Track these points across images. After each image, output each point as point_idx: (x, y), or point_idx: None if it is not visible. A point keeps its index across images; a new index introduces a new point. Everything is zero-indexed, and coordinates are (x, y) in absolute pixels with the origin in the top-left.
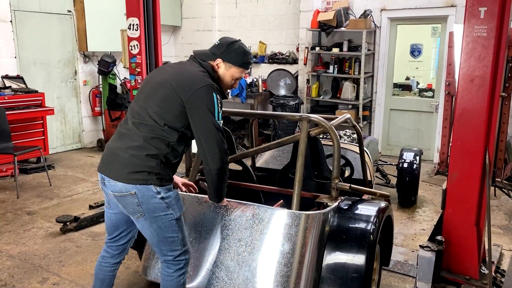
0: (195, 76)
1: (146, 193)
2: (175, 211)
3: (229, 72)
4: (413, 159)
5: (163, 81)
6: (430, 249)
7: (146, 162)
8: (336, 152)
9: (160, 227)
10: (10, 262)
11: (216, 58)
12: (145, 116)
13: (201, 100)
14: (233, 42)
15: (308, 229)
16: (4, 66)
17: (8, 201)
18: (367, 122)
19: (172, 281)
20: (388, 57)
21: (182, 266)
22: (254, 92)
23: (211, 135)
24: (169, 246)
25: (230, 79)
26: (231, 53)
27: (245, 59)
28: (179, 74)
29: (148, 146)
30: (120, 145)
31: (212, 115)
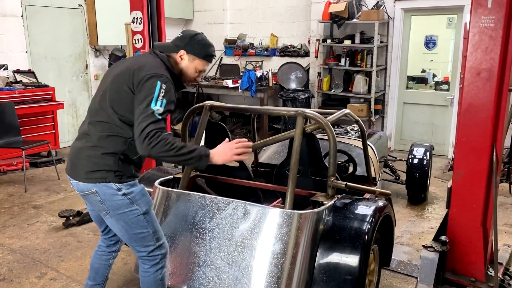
0: (145, 66)
1: (106, 191)
2: (140, 206)
3: (193, 64)
4: (423, 154)
5: (115, 76)
6: (434, 250)
7: (103, 161)
8: (332, 149)
9: (127, 224)
10: (10, 256)
11: (179, 50)
12: (100, 114)
13: (144, 88)
14: (196, 34)
15: (301, 229)
16: (15, 60)
17: (16, 194)
18: (380, 116)
19: (149, 277)
20: (401, 49)
21: (157, 262)
22: (264, 86)
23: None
24: (140, 242)
25: (194, 72)
26: (195, 45)
27: (209, 52)
28: (130, 66)
29: (104, 144)
30: (79, 145)
31: (147, 102)
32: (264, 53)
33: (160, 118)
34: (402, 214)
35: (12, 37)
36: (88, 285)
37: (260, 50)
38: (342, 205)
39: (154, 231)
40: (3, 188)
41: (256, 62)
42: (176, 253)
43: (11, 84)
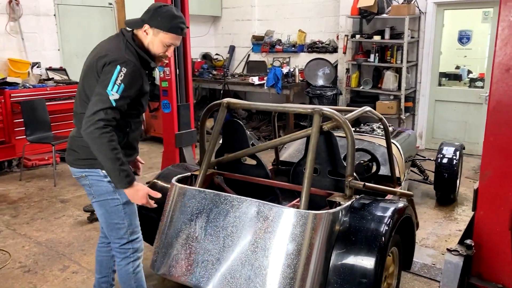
0: (107, 53)
1: (94, 176)
2: (122, 196)
3: (157, 38)
4: (453, 154)
5: (86, 67)
6: (458, 253)
7: (88, 150)
8: (350, 148)
9: (107, 211)
10: (36, 249)
11: (143, 24)
12: (78, 103)
13: (103, 73)
14: (161, 6)
15: (315, 229)
16: (48, 58)
17: (46, 188)
18: (410, 113)
19: (121, 270)
20: (433, 44)
21: (128, 255)
22: (290, 83)
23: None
24: (116, 233)
25: (161, 46)
26: (158, 18)
27: (174, 23)
28: (96, 54)
29: None
30: (71, 134)
31: (102, 86)
32: (292, 50)
33: (114, 106)
34: (429, 215)
35: (45, 35)
36: (96, 279)
37: (288, 46)
38: (359, 205)
39: (129, 224)
40: (34, 182)
41: (283, 59)
42: (190, 250)
43: (43, 81)
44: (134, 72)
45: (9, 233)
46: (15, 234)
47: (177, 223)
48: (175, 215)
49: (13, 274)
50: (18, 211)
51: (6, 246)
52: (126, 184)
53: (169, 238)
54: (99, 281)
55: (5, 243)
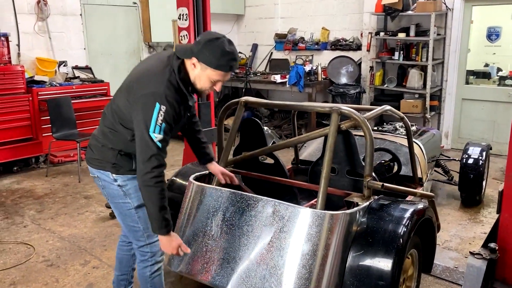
0: (149, 79)
1: (105, 178)
2: (133, 200)
3: (205, 73)
4: (479, 154)
5: (128, 79)
6: (482, 257)
7: (102, 153)
8: (368, 147)
9: (121, 214)
10: (60, 244)
11: (192, 56)
12: (109, 109)
13: (140, 107)
14: (213, 39)
15: (332, 230)
16: (74, 57)
17: (71, 184)
18: (436, 112)
19: (139, 271)
20: (461, 42)
21: (146, 259)
22: (312, 81)
23: (140, 145)
24: (133, 235)
25: (208, 82)
26: (207, 52)
27: (223, 61)
28: (140, 73)
29: (105, 139)
30: (94, 132)
31: (145, 127)
32: (315, 47)
33: (160, 147)
34: (453, 217)
35: (71, 35)
36: (115, 276)
37: (311, 44)
38: (377, 206)
39: (145, 228)
40: (59, 178)
41: (306, 57)
42: (206, 248)
43: (69, 80)
44: (173, 109)
45: (34, 227)
46: (40, 229)
47: (194, 221)
48: (192, 212)
49: (37, 268)
50: (43, 206)
51: (31, 240)
52: (164, 232)
53: (186, 236)
54: (118, 278)
55: (30, 237)
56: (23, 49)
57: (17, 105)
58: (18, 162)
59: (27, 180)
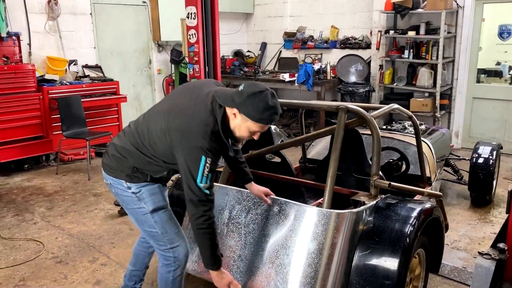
0: (192, 129)
1: (118, 186)
2: (147, 205)
3: (245, 125)
4: (489, 154)
5: (169, 114)
6: (491, 257)
7: (119, 163)
8: (375, 146)
9: (138, 220)
10: (68, 241)
11: (233, 106)
12: (139, 129)
13: (187, 158)
14: (256, 93)
15: (338, 229)
16: (84, 56)
17: (80, 182)
18: (446, 111)
19: (161, 276)
20: (471, 40)
21: (169, 263)
22: (321, 79)
23: (187, 194)
24: (153, 240)
25: (247, 132)
26: (249, 106)
27: (266, 115)
28: (181, 117)
29: (127, 154)
30: (113, 141)
31: (192, 178)
32: (324, 46)
33: (208, 193)
34: (463, 216)
35: (81, 34)
36: (129, 270)
37: (320, 42)
38: (384, 205)
39: (163, 232)
40: (69, 176)
41: (315, 55)
42: None
43: (79, 78)
44: (217, 158)
45: (44, 224)
46: (50, 226)
47: None
48: None
49: (46, 264)
50: (53, 203)
51: (40, 237)
52: (215, 268)
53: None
54: (131, 273)
55: (39, 234)
56: (34, 48)
57: (28, 103)
58: (29, 160)
59: (38, 177)
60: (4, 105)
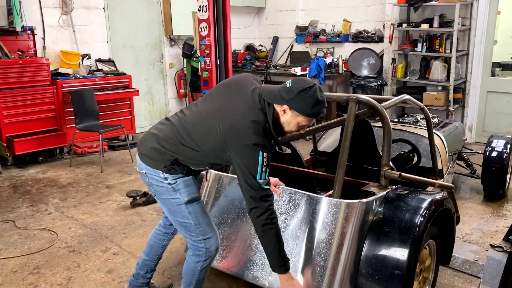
0: (245, 128)
1: (154, 176)
2: (182, 195)
3: (295, 120)
4: (503, 147)
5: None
6: (503, 250)
7: (159, 155)
8: (386, 137)
9: (170, 210)
10: (82, 231)
11: (283, 103)
12: (189, 127)
13: (243, 158)
14: (306, 89)
15: (348, 219)
16: (97, 50)
17: (93, 174)
18: (460, 105)
19: (189, 264)
20: (486, 33)
21: (200, 254)
22: (333, 73)
23: (247, 192)
24: (184, 230)
25: (296, 127)
26: (301, 102)
27: (316, 109)
28: (231, 117)
29: (169, 145)
30: (154, 131)
31: (251, 175)
32: (336, 39)
33: (268, 188)
34: (475, 210)
35: (95, 28)
36: (141, 258)
37: (332, 36)
38: (394, 196)
39: (197, 223)
40: (83, 168)
41: (327, 49)
42: (223, 235)
43: (92, 72)
44: (271, 154)
45: (58, 215)
46: (63, 216)
47: (212, 208)
48: (210, 200)
49: (60, 253)
50: (66, 195)
51: (54, 227)
52: (283, 270)
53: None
54: (144, 262)
55: (53, 224)
56: (48, 42)
57: (42, 96)
58: (43, 152)
59: (52, 170)
60: (19, 99)
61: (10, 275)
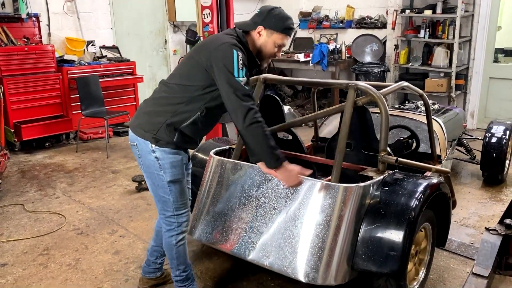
0: (217, 39)
1: (144, 147)
2: (166, 175)
3: (271, 39)
4: (502, 133)
5: (190, 52)
6: (497, 233)
7: (150, 119)
8: (384, 123)
9: (154, 184)
10: (89, 214)
11: (257, 26)
12: (170, 76)
13: (219, 58)
14: (273, 8)
15: (345, 202)
16: (102, 37)
17: (99, 160)
18: (462, 91)
19: (165, 240)
20: (489, 19)
21: (172, 228)
22: (336, 59)
23: (229, 92)
24: (161, 205)
25: (273, 47)
26: (272, 19)
27: (287, 24)
28: (204, 42)
29: (159, 104)
30: (145, 99)
31: (229, 72)
32: (339, 26)
33: (248, 89)
34: (474, 195)
35: (99, 15)
36: (150, 245)
37: (335, 22)
38: (391, 180)
39: (175, 201)
40: (88, 154)
41: (331, 35)
42: (226, 218)
43: (97, 59)
44: (246, 59)
45: (65, 199)
46: (71, 200)
47: (214, 192)
48: (212, 185)
49: (68, 236)
50: (73, 179)
51: (62, 211)
52: (280, 163)
53: (206, 207)
54: (152, 248)
55: (61, 208)
56: (53, 29)
57: (48, 83)
58: (50, 138)
59: (59, 155)
60: (26, 85)
61: (21, 256)
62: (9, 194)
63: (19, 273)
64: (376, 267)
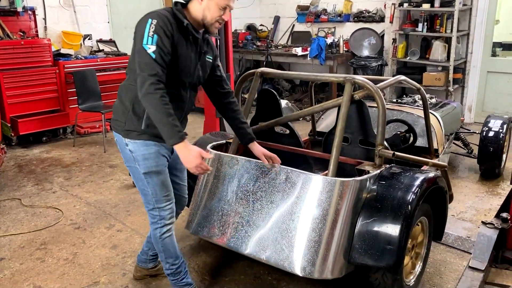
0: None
1: (120, 142)
2: (140, 167)
3: (212, 1)
4: (499, 127)
5: None
6: (493, 226)
7: (119, 109)
8: (380, 117)
9: (135, 177)
10: (86, 208)
11: None
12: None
13: (136, 29)
14: None
15: (342, 196)
16: (98, 30)
17: (96, 154)
18: (460, 85)
19: (151, 232)
20: (487, 12)
21: (155, 221)
22: (334, 53)
23: (135, 60)
24: (144, 197)
25: (217, 10)
26: None
27: None
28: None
29: (121, 92)
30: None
31: (139, 40)
32: (337, 19)
33: (154, 58)
34: (471, 189)
35: (96, 8)
36: (147, 237)
37: (333, 16)
38: (388, 174)
39: (153, 194)
40: (86, 148)
41: (329, 29)
42: (222, 212)
43: (94, 53)
44: (166, 25)
45: (63, 193)
46: (68, 195)
47: (211, 187)
48: (210, 179)
49: (65, 230)
50: (71, 174)
51: (59, 205)
52: (177, 139)
53: (203, 201)
54: (147, 239)
55: (58, 202)
56: (49, 23)
57: (44, 77)
58: (47, 132)
59: (56, 149)
60: (22, 79)
61: (18, 250)
62: (6, 189)
63: (16, 267)
64: (372, 261)
